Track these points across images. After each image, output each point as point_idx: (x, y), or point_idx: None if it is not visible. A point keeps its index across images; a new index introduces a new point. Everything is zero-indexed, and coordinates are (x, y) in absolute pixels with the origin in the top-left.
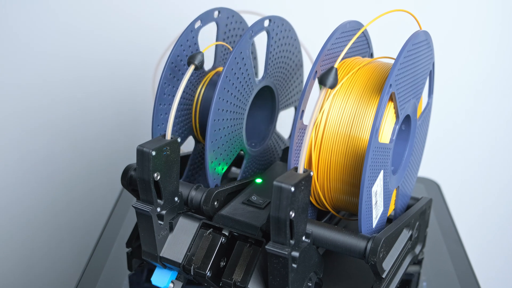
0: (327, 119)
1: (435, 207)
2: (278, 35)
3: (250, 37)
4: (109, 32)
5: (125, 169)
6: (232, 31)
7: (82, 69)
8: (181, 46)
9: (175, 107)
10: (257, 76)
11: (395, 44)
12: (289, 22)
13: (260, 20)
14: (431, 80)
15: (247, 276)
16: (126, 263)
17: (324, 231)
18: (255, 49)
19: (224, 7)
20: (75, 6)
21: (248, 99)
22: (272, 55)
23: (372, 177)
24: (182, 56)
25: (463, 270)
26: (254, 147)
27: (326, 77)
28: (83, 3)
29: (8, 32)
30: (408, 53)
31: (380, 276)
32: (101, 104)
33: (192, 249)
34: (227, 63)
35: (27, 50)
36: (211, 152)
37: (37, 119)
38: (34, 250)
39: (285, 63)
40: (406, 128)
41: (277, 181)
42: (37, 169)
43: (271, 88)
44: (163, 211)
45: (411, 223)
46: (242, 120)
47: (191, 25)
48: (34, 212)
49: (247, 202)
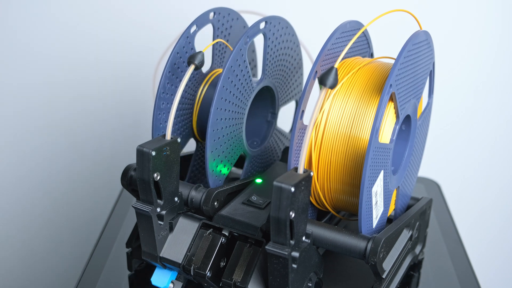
0: (327, 119)
1: (435, 207)
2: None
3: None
4: (109, 32)
5: (125, 169)
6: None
7: (82, 69)
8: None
9: (175, 107)
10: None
11: (395, 44)
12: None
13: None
14: (431, 80)
15: (247, 276)
16: (126, 263)
17: (324, 231)
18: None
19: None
20: (75, 7)
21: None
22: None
23: (372, 177)
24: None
25: (463, 270)
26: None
27: (326, 77)
28: (84, 4)
29: (9, 33)
30: (408, 53)
31: (380, 276)
32: (101, 104)
33: (192, 249)
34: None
35: (27, 50)
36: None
37: (37, 119)
38: (34, 250)
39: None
40: (406, 128)
41: (277, 181)
42: (37, 169)
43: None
44: (163, 211)
45: (411, 223)
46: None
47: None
48: (34, 212)
49: (247, 202)
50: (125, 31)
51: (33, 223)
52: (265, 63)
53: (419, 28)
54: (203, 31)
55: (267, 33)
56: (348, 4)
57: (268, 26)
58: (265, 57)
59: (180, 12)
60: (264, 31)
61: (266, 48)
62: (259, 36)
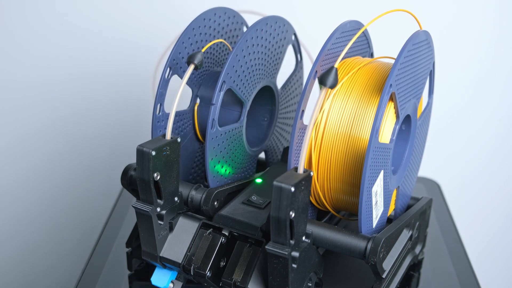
0: (327, 119)
1: (435, 207)
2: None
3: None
4: (108, 30)
5: (125, 169)
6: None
7: (81, 68)
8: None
9: (175, 107)
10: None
11: (395, 44)
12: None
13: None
14: (432, 80)
15: (247, 276)
16: (126, 263)
17: (324, 231)
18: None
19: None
20: (75, 5)
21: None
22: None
23: (372, 177)
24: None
25: (463, 270)
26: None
27: (326, 77)
28: (84, 3)
29: (9, 30)
30: (408, 53)
31: (380, 276)
32: (101, 103)
33: (192, 249)
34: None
35: (26, 48)
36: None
37: (36, 118)
38: (34, 250)
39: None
40: (406, 128)
41: (277, 181)
42: (36, 169)
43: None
44: (163, 211)
45: (411, 223)
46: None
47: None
48: (34, 211)
49: (247, 202)
50: (125, 29)
51: (33, 222)
52: (262, 63)
53: (419, 28)
54: (205, 31)
55: (265, 34)
56: (348, 4)
57: (266, 27)
58: (262, 57)
59: (180, 11)
60: (262, 31)
61: (263, 48)
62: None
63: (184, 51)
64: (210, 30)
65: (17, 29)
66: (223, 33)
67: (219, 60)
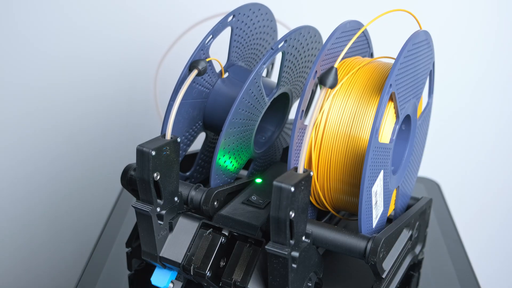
0: (327, 119)
1: (435, 207)
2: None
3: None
4: (110, 31)
5: (125, 169)
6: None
7: (82, 69)
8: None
9: (176, 108)
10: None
11: (395, 44)
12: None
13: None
14: (431, 80)
15: (247, 276)
16: (126, 263)
17: (324, 231)
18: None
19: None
20: (77, 6)
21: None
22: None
23: (372, 177)
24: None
25: (463, 270)
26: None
27: (326, 77)
28: (86, 3)
29: (12, 33)
30: (408, 53)
31: (380, 276)
32: (100, 103)
33: (192, 249)
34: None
35: (28, 49)
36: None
37: (36, 118)
38: (34, 250)
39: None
40: (406, 128)
41: (277, 181)
42: (37, 169)
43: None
44: (162, 211)
45: (411, 223)
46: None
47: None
48: (34, 212)
49: (247, 202)
50: (127, 29)
51: (33, 223)
52: (283, 69)
53: (419, 28)
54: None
55: (287, 48)
56: (348, 4)
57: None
58: (282, 66)
59: (183, 11)
60: (283, 48)
61: (284, 60)
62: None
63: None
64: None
65: (20, 32)
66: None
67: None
